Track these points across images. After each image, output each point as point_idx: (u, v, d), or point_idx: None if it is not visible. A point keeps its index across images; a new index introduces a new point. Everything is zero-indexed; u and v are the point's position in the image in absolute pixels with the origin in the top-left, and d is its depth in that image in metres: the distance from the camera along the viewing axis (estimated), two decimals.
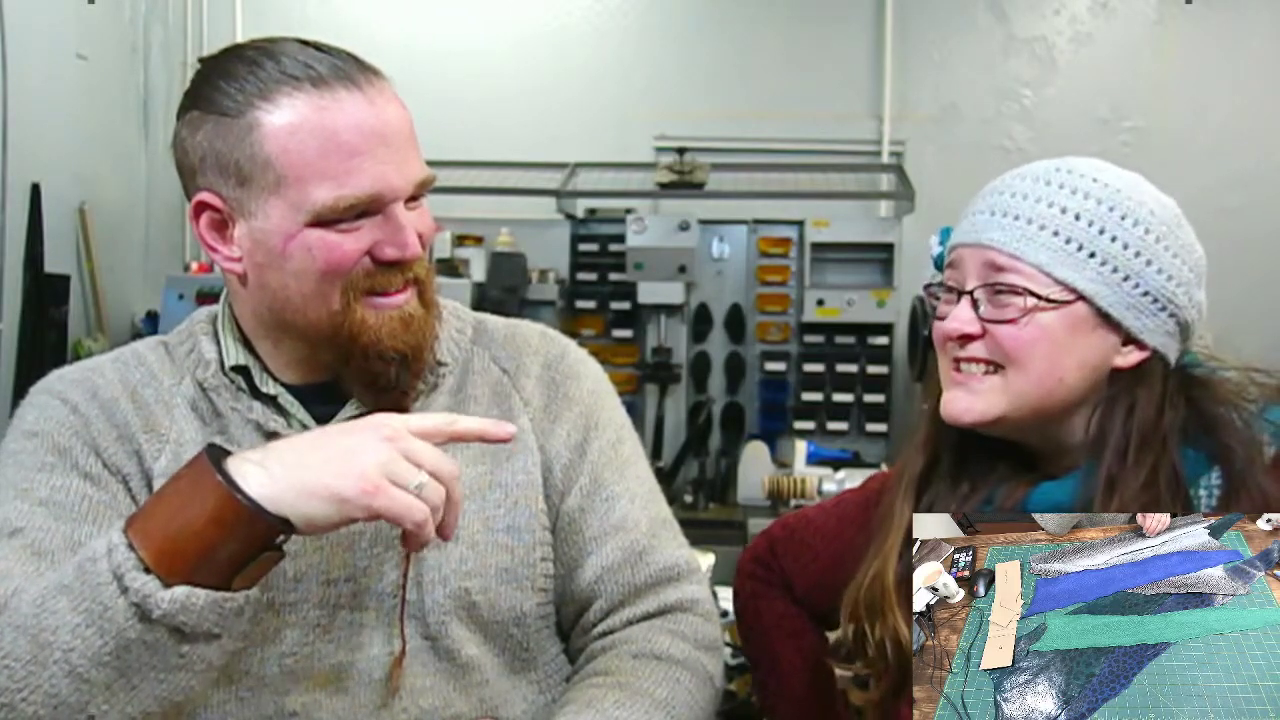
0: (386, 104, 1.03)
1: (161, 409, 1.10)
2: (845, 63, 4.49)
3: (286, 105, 0.99)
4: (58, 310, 3.67)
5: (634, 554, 1.16)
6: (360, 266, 1.03)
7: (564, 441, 1.17)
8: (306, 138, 0.99)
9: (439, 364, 1.15)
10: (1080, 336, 1.05)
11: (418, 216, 1.06)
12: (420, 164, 1.06)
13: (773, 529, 1.40)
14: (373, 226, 1.02)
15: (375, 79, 1.04)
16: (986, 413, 1.06)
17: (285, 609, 1.06)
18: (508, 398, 1.18)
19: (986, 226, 1.07)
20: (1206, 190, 4.10)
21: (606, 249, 4.14)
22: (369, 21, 4.42)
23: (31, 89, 3.53)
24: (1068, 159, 1.10)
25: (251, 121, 0.99)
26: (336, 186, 0.99)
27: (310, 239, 1.01)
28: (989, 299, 1.06)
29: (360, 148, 1.00)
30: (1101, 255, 1.04)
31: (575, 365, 1.23)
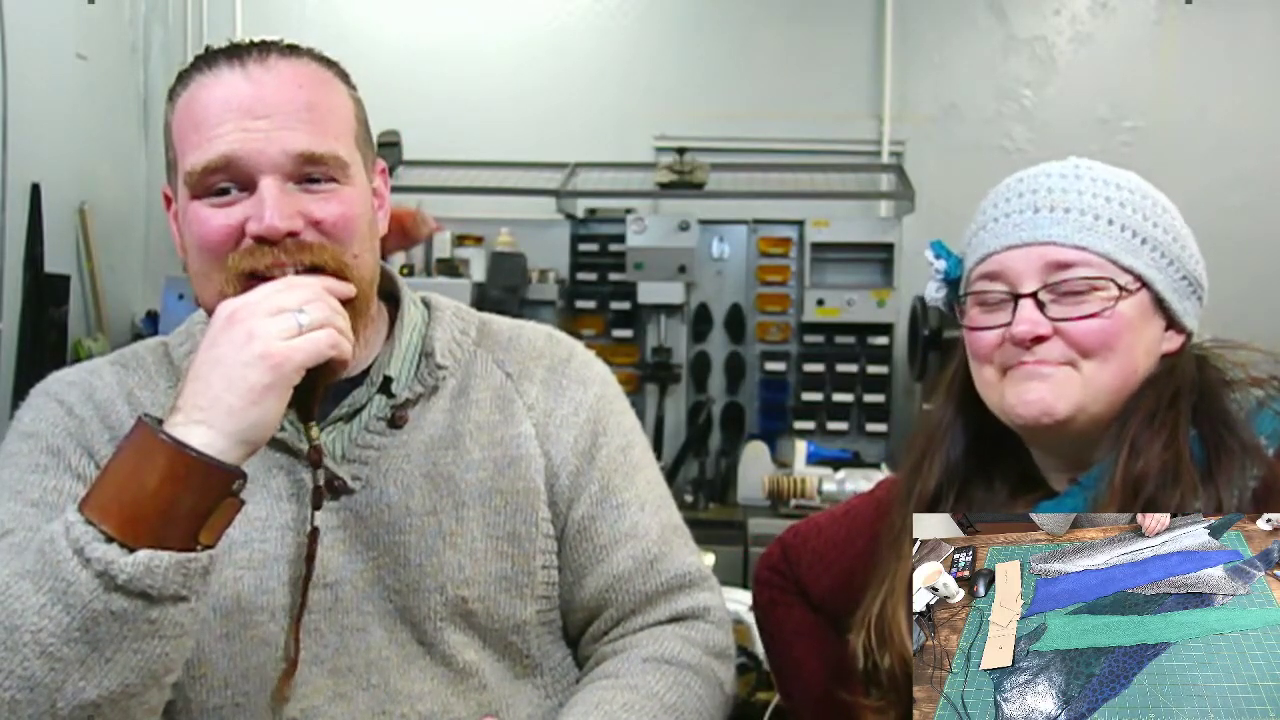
0: (268, 79, 1.01)
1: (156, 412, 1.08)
2: (845, 63, 4.49)
3: (187, 87, 1.03)
4: (58, 310, 3.66)
5: (645, 562, 1.15)
6: (243, 246, 1.00)
7: (571, 448, 1.15)
8: (187, 113, 1.02)
9: (439, 366, 1.13)
10: (1147, 324, 1.05)
11: (314, 199, 1.01)
12: (304, 140, 1.00)
13: (785, 536, 1.40)
14: (245, 204, 1.00)
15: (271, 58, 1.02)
16: (1069, 405, 1.03)
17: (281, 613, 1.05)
18: (510, 402, 1.15)
19: (1037, 224, 1.04)
20: (1207, 190, 4.10)
21: (606, 249, 4.14)
22: (369, 21, 4.42)
23: (31, 89, 3.53)
24: (1071, 159, 1.09)
25: (171, 106, 1.05)
26: (197, 153, 1.00)
27: (192, 212, 1.02)
28: (1057, 297, 1.03)
29: (224, 117, 0.99)
30: (1152, 242, 1.04)
31: (581, 369, 1.20)
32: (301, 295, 0.94)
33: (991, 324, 1.06)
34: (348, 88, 1.09)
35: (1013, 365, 1.05)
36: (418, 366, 1.14)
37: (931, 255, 1.15)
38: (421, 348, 1.15)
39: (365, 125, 1.10)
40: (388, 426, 1.11)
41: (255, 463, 1.03)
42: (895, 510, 1.15)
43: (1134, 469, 1.00)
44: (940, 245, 1.15)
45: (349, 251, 1.02)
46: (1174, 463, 1.00)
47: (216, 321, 0.93)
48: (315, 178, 1.01)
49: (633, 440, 1.21)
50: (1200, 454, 1.01)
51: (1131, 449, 1.01)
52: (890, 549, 1.13)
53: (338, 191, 1.02)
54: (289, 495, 1.08)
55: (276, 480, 1.08)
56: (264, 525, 1.06)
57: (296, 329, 0.92)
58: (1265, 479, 0.99)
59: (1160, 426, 1.02)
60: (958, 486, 1.12)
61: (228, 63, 1.01)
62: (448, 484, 1.10)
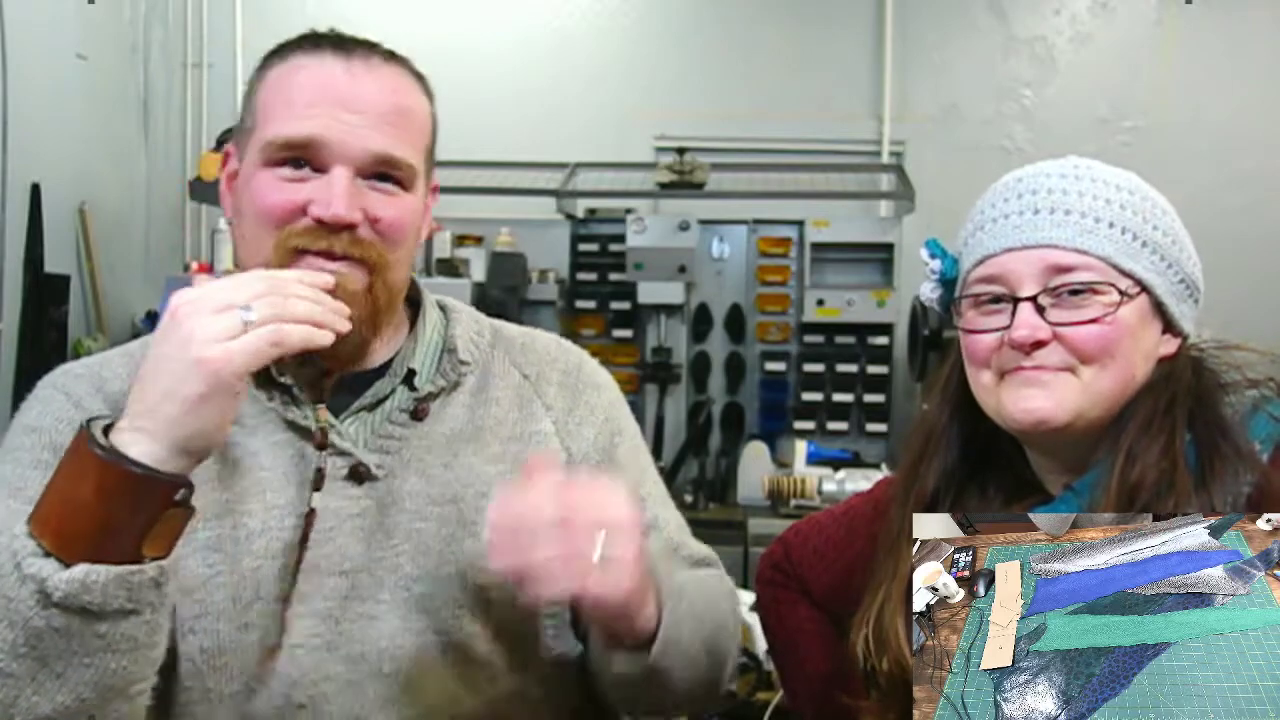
0: (369, 78, 1.05)
1: None
2: (845, 63, 4.49)
3: (286, 62, 1.07)
4: (58, 310, 3.67)
5: (669, 548, 1.19)
6: (300, 223, 1.03)
7: (591, 443, 1.19)
8: (282, 85, 1.05)
9: (461, 362, 1.16)
10: (1145, 329, 1.04)
11: (379, 198, 1.05)
12: (386, 141, 1.04)
13: (787, 535, 1.40)
14: (314, 185, 1.03)
15: (375, 59, 1.07)
16: (1067, 412, 1.02)
17: (296, 599, 1.05)
18: (530, 401, 1.18)
19: (1037, 225, 1.03)
20: (1206, 190, 4.10)
21: (606, 249, 4.14)
22: (369, 22, 4.41)
23: (31, 89, 3.53)
24: (1070, 158, 1.08)
25: (262, 75, 1.08)
26: (284, 122, 1.03)
27: (259, 179, 1.04)
28: (1057, 301, 1.01)
29: (317, 102, 1.03)
30: (1152, 244, 1.03)
31: (594, 375, 1.25)
32: (250, 290, 0.90)
33: (989, 327, 1.04)
34: (430, 105, 1.13)
35: (1010, 370, 1.03)
36: (439, 362, 1.16)
37: (926, 255, 1.13)
38: (443, 345, 1.17)
39: (434, 141, 1.14)
40: (410, 418, 1.12)
41: (277, 450, 1.07)
42: (892, 512, 1.15)
43: (1130, 476, 1.00)
44: (935, 244, 1.14)
45: (394, 254, 1.07)
46: (1170, 470, 0.99)
47: (164, 317, 0.90)
48: (384, 178, 1.06)
49: (641, 444, 1.26)
50: (1194, 459, 1.01)
51: (1128, 456, 1.01)
52: (887, 552, 1.12)
53: (400, 196, 1.07)
54: (305, 480, 1.07)
55: (299, 468, 1.08)
56: (283, 513, 1.06)
57: (240, 327, 0.87)
58: (1259, 484, 0.99)
59: (1157, 433, 1.01)
60: (954, 491, 1.12)
61: (334, 52, 1.06)
62: (469, 474, 1.11)
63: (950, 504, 1.11)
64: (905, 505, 1.12)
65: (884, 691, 1.09)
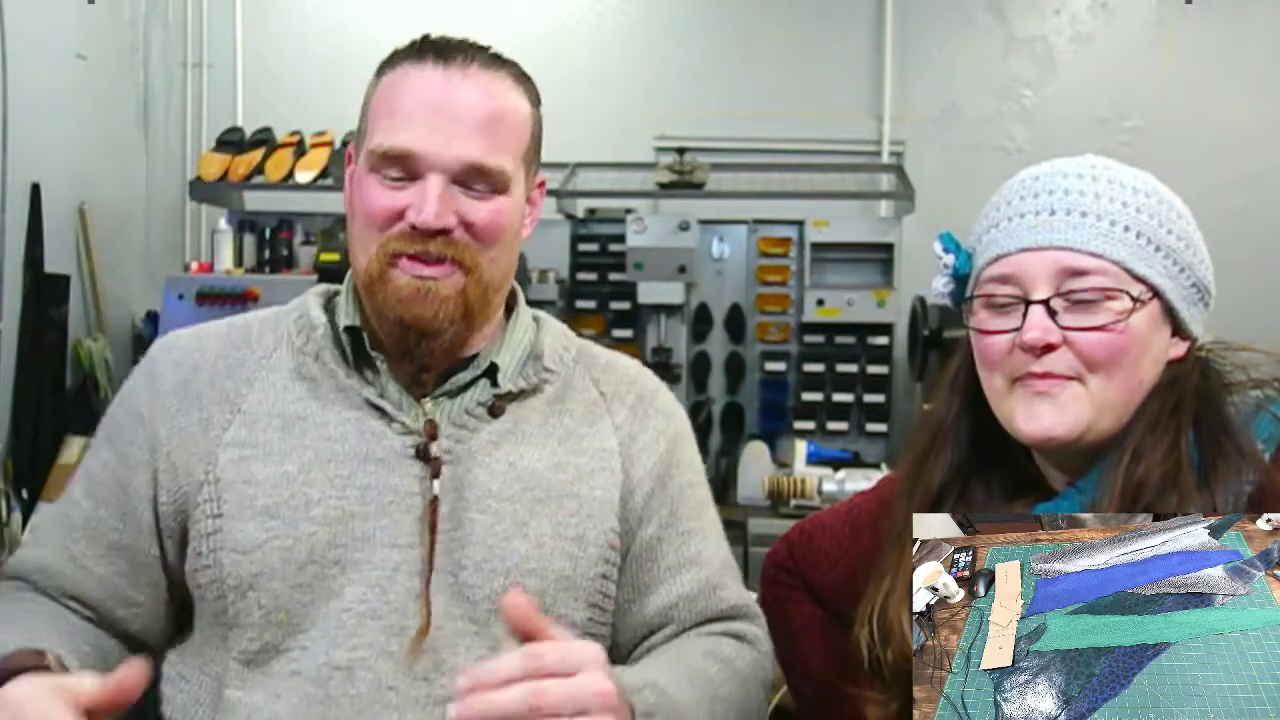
0: (465, 86, 1.10)
1: (244, 381, 1.16)
2: (845, 63, 4.49)
3: (393, 70, 1.13)
4: (58, 310, 3.67)
5: (709, 587, 1.20)
6: (399, 227, 1.09)
7: (648, 470, 1.21)
8: (387, 94, 1.12)
9: (546, 369, 1.20)
10: (1155, 334, 1.03)
11: (473, 202, 1.11)
12: (478, 149, 1.10)
13: (790, 534, 1.40)
14: (411, 192, 1.09)
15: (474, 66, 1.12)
16: (1075, 426, 1.01)
17: (350, 566, 1.09)
18: (601, 419, 1.22)
19: (1052, 227, 1.01)
20: (1207, 191, 4.07)
21: (606, 249, 4.14)
22: (369, 22, 4.42)
23: (31, 89, 3.53)
24: (1087, 156, 1.07)
25: (375, 82, 1.15)
26: (384, 135, 1.10)
27: (365, 183, 1.12)
28: (1069, 306, 1.00)
29: (415, 111, 1.09)
30: (1165, 249, 1.02)
31: (667, 405, 1.29)
32: None
33: (1001, 329, 1.04)
34: (532, 106, 1.19)
35: (1020, 376, 1.03)
36: (524, 364, 1.21)
37: (940, 249, 1.12)
38: (531, 350, 1.22)
39: (538, 140, 1.21)
40: (486, 412, 1.16)
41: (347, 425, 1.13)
42: (897, 506, 1.15)
43: (1134, 476, 1.00)
44: (949, 238, 1.12)
45: (488, 254, 1.12)
46: (1174, 471, 0.99)
47: None
48: (477, 183, 1.11)
49: (702, 479, 1.28)
50: (1197, 458, 1.01)
51: (1133, 455, 1.01)
52: (892, 545, 1.13)
53: (494, 200, 1.12)
54: (374, 458, 1.12)
55: (366, 441, 1.13)
56: (344, 483, 1.11)
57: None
58: (1260, 483, 0.99)
59: (1162, 434, 1.01)
60: (960, 485, 1.12)
61: (435, 61, 1.11)
62: (531, 477, 1.15)
63: (957, 498, 1.11)
64: (910, 498, 1.12)
65: (888, 682, 1.09)
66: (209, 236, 4.07)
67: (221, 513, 1.10)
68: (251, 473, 1.11)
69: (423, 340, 1.12)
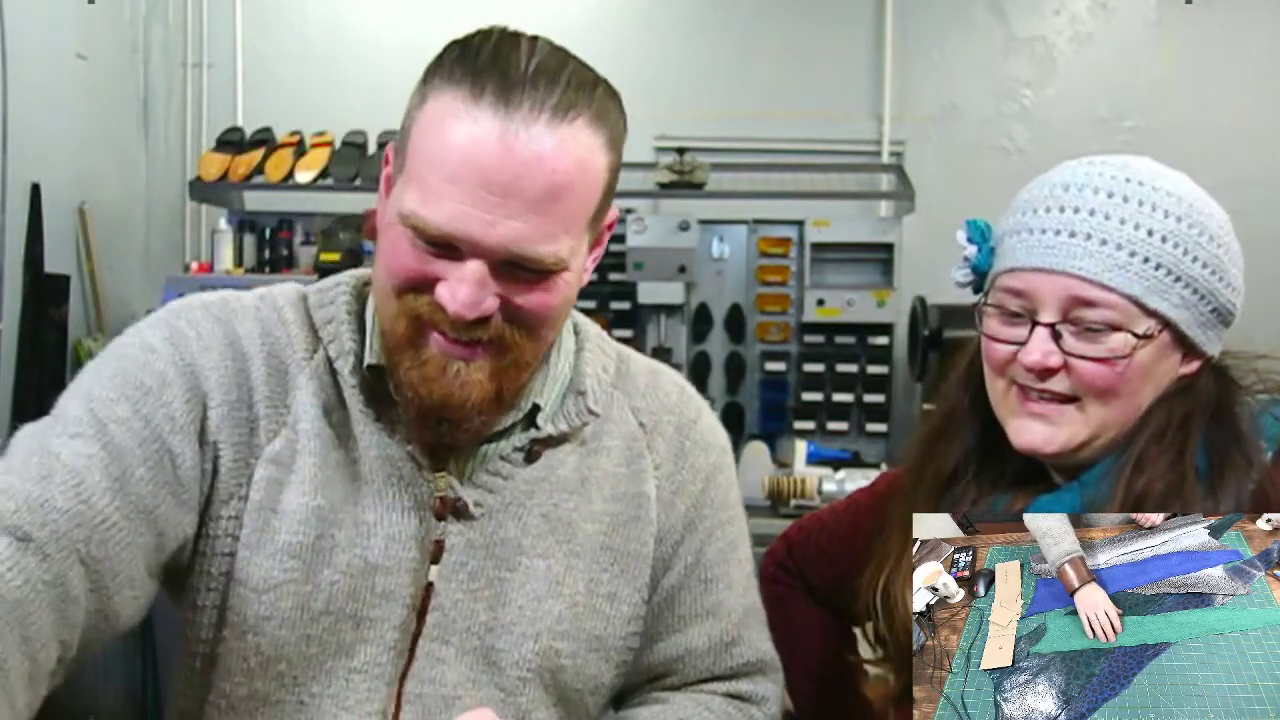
0: (524, 151, 0.89)
1: (293, 385, 1.01)
2: (845, 63, 4.49)
3: (444, 97, 0.91)
4: (58, 310, 3.66)
5: (722, 644, 1.13)
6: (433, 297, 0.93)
7: (680, 515, 1.11)
8: (432, 135, 0.91)
9: (589, 410, 1.08)
10: (1161, 363, 1.02)
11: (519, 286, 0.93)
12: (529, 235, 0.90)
13: (789, 532, 1.40)
14: (447, 265, 0.92)
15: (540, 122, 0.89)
16: (1069, 444, 1.02)
17: (365, 623, 1.00)
18: (640, 457, 1.10)
19: (1067, 251, 1.00)
20: (1206, 190, 4.09)
21: (606, 249, 4.13)
22: (369, 21, 4.42)
23: (31, 89, 3.53)
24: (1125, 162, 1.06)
25: (423, 95, 0.93)
26: (419, 201, 0.91)
27: (393, 235, 0.94)
28: (1075, 331, 1.00)
29: (460, 176, 0.89)
30: (1186, 279, 1.01)
31: (706, 434, 1.16)
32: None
33: (1007, 338, 1.04)
34: (609, 152, 0.96)
35: (1020, 389, 1.04)
36: (563, 401, 1.08)
37: (964, 237, 1.10)
38: (571, 381, 1.09)
39: (610, 190, 1.00)
40: (523, 459, 1.05)
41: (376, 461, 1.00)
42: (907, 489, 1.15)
43: (1135, 487, 1.00)
44: (975, 225, 1.10)
45: (532, 337, 0.97)
46: (1178, 483, 1.00)
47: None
48: (527, 268, 0.93)
49: (733, 516, 1.17)
50: (1204, 465, 1.01)
51: (1135, 466, 1.01)
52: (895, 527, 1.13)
53: (546, 281, 0.95)
54: (404, 508, 1.01)
55: (393, 486, 1.01)
56: (370, 531, 1.00)
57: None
58: (1260, 484, 0.99)
59: (1168, 446, 1.01)
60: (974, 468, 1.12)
61: (495, 104, 0.89)
62: (565, 530, 1.06)
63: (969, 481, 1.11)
64: (920, 482, 1.13)
65: (890, 655, 1.10)
66: (209, 236, 4.07)
67: (239, 536, 0.98)
68: (281, 502, 0.99)
69: (444, 424, 0.99)
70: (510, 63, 0.91)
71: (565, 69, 0.94)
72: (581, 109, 0.92)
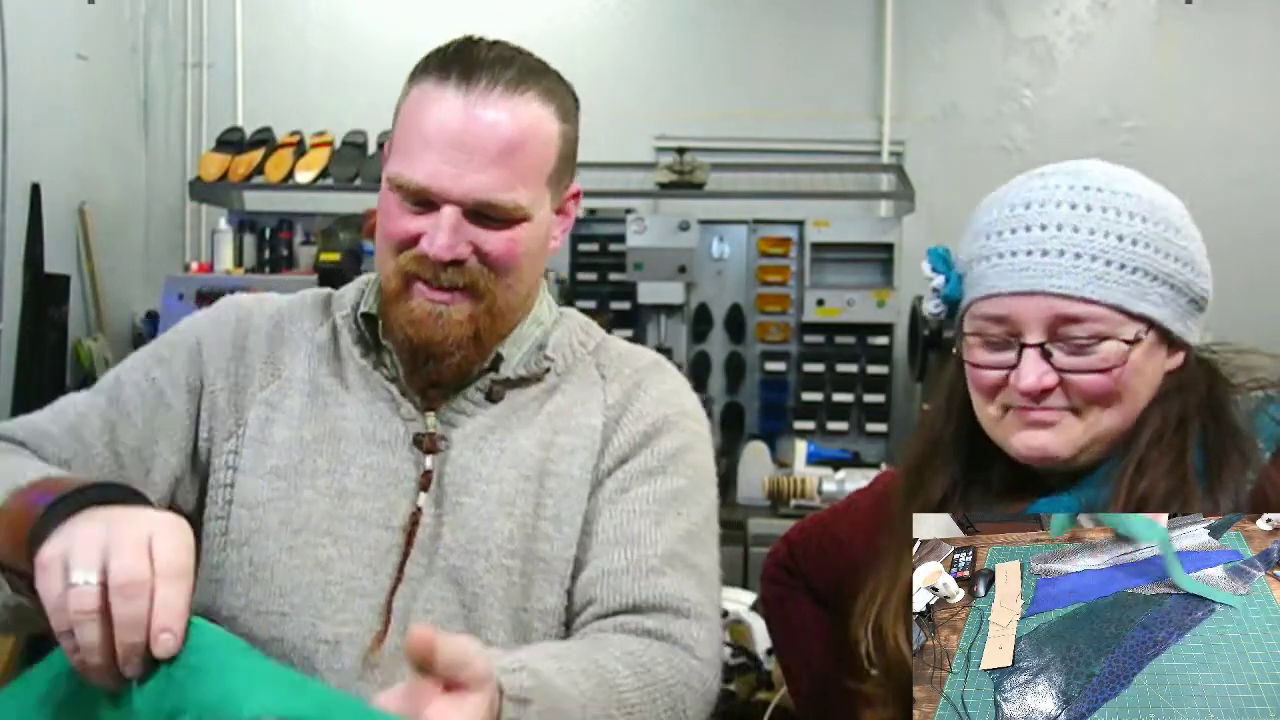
0: (484, 117, 1.09)
1: (291, 348, 1.20)
2: (845, 63, 4.49)
3: (419, 86, 1.12)
4: (58, 310, 3.67)
5: (640, 570, 1.11)
6: (415, 251, 1.11)
7: (617, 450, 1.17)
8: (411, 115, 1.12)
9: (546, 358, 1.21)
10: (1152, 360, 1.02)
11: (487, 232, 1.11)
12: (491, 184, 1.09)
13: (790, 533, 1.40)
14: (427, 220, 1.10)
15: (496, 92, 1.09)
16: (1073, 449, 1.02)
17: (342, 540, 1.12)
18: (594, 397, 1.21)
19: (1044, 271, 0.99)
20: (1206, 190, 4.06)
21: (606, 249, 4.14)
22: (369, 21, 4.42)
23: (31, 89, 3.53)
24: (1076, 169, 1.04)
25: (407, 90, 1.14)
26: (403, 164, 1.10)
27: (387, 203, 1.13)
28: (1065, 350, 1.00)
29: (431, 141, 1.09)
30: (1162, 276, 1.00)
31: (667, 394, 1.21)
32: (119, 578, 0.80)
33: (995, 364, 1.03)
34: (561, 122, 1.17)
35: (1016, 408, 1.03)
36: (530, 356, 1.21)
37: (929, 269, 1.09)
38: (539, 341, 1.22)
39: (569, 155, 1.20)
40: (485, 398, 1.18)
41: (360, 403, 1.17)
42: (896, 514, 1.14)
43: (1138, 489, 1.00)
44: (937, 255, 1.09)
45: (503, 282, 1.14)
46: (1179, 485, 1.00)
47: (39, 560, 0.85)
48: (492, 216, 1.11)
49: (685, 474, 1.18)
50: (1202, 464, 1.01)
51: (1138, 469, 1.01)
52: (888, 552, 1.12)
53: (511, 229, 1.12)
54: (380, 440, 1.15)
55: (374, 423, 1.16)
56: (349, 461, 1.14)
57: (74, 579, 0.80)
58: (1259, 483, 0.99)
59: (1168, 448, 1.01)
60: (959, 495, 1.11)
61: (458, 83, 1.09)
62: (515, 457, 1.15)
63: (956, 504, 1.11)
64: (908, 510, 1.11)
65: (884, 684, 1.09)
66: (209, 236, 4.07)
67: (237, 466, 1.15)
68: (271, 434, 1.16)
69: (431, 360, 1.14)
70: (472, 54, 1.12)
71: (519, 57, 1.14)
72: (531, 85, 1.13)
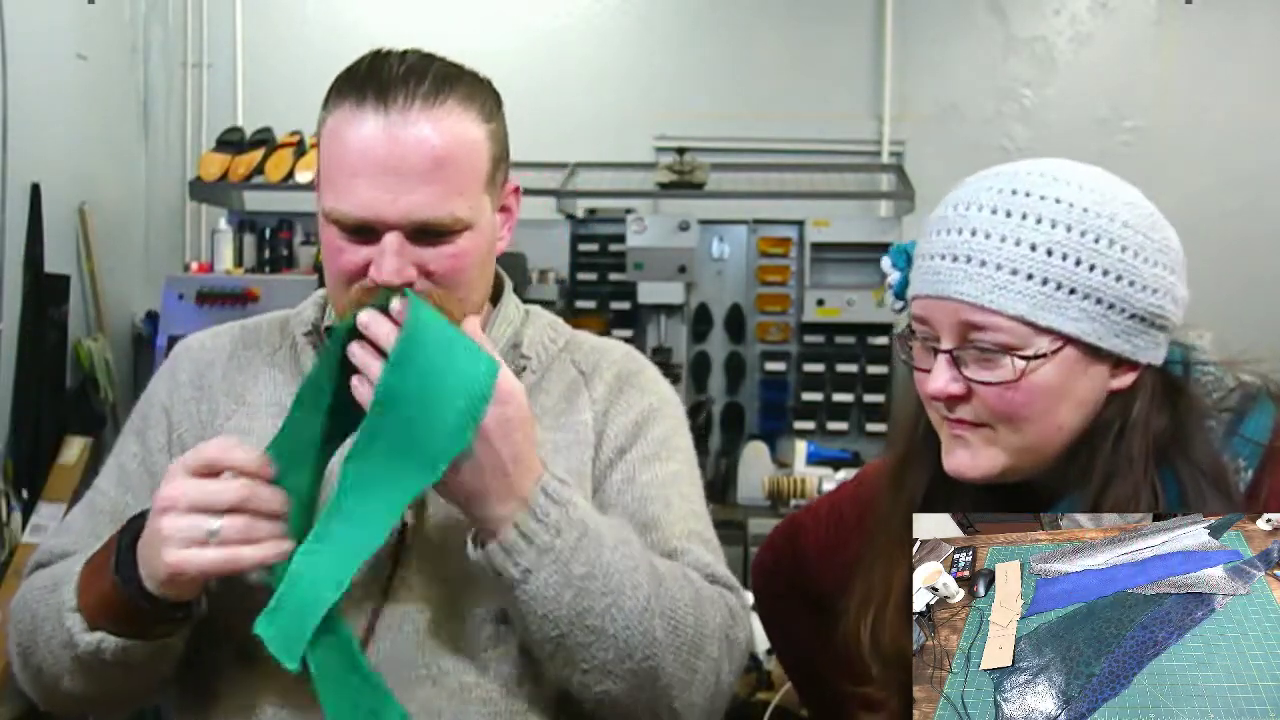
0: (406, 137, 1.04)
1: (251, 374, 1.21)
2: (845, 63, 4.49)
3: (336, 112, 1.08)
4: (58, 310, 3.67)
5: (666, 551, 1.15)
6: (364, 282, 1.07)
7: (613, 442, 1.19)
8: (331, 146, 1.08)
9: (523, 356, 1.20)
10: (1074, 379, 0.97)
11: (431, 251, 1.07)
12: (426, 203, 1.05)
13: (775, 539, 1.40)
14: (371, 249, 1.07)
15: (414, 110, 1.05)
16: (990, 470, 1.00)
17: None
18: (578, 395, 1.21)
19: (950, 276, 0.97)
20: (1207, 191, 4.10)
21: (606, 249, 4.14)
22: (369, 21, 4.42)
23: (31, 89, 3.53)
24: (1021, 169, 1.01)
25: (323, 118, 1.10)
26: (335, 198, 1.06)
27: (327, 236, 1.10)
28: (973, 357, 0.97)
29: (359, 169, 1.05)
30: (1083, 290, 0.94)
31: (647, 383, 1.25)
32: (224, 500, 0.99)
33: (924, 367, 1.02)
34: (487, 124, 1.11)
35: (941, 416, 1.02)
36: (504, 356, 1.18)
37: (887, 264, 1.09)
38: (512, 340, 1.22)
39: (501, 155, 1.14)
40: None
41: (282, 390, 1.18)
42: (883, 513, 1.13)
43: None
44: (899, 253, 1.08)
45: (454, 295, 1.10)
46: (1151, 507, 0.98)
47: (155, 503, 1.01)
48: (434, 233, 1.07)
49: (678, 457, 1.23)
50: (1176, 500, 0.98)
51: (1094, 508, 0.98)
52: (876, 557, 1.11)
53: (454, 242, 1.09)
54: None
55: None
56: None
57: (204, 537, 0.97)
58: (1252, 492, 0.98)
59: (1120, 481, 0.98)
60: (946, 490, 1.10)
61: (375, 104, 1.05)
62: None
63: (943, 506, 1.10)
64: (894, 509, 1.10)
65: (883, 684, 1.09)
66: (209, 236, 4.07)
67: None
68: None
69: None
70: (384, 71, 1.07)
71: (431, 66, 1.09)
72: (448, 93, 1.08)
